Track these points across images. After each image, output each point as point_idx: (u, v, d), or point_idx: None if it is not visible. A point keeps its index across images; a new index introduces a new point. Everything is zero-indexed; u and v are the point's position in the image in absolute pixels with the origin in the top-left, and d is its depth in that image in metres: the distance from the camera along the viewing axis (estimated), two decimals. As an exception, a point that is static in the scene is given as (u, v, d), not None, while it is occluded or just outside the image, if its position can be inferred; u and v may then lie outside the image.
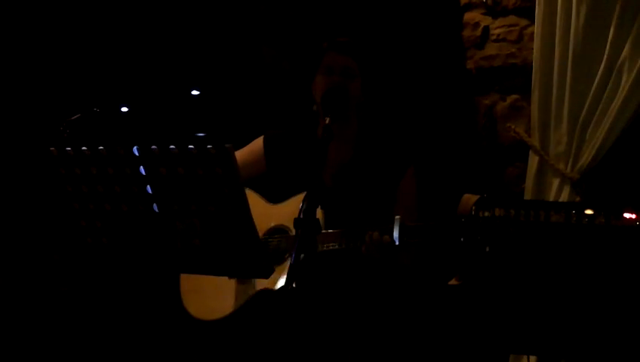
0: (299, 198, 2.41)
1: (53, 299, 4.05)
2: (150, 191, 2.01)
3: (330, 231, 2.57)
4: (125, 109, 3.41)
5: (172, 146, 1.95)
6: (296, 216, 2.07)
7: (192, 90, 4.26)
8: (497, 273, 2.36)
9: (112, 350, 3.94)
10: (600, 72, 3.20)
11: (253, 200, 2.64)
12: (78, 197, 2.09)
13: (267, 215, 2.75)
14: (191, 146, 1.92)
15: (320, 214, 2.34)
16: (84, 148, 2.03)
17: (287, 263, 2.07)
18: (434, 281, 3.03)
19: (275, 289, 2.62)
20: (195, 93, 4.25)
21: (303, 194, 2.13)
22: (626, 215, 2.15)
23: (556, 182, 3.31)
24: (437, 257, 3.02)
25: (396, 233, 2.46)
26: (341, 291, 2.70)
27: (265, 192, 2.82)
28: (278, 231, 2.72)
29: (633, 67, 3.14)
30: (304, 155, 2.80)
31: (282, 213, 2.71)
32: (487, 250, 2.27)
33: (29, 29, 4.21)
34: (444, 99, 3.81)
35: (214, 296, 2.74)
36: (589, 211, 2.17)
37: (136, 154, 1.98)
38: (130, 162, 1.99)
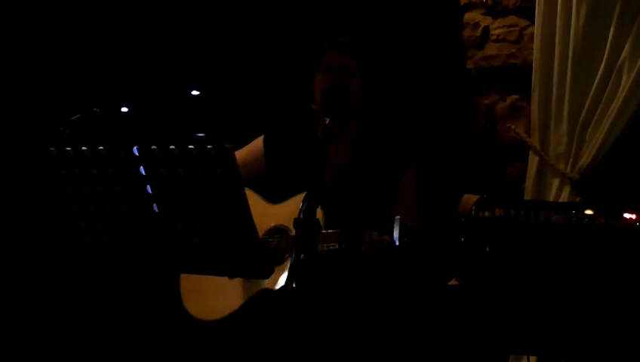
0: (299, 198, 2.41)
1: (53, 299, 4.05)
2: (150, 192, 2.00)
3: (330, 231, 2.57)
4: (125, 109, 3.41)
5: (172, 146, 1.94)
6: (296, 216, 2.07)
7: (192, 90, 4.25)
8: (497, 273, 2.36)
9: (112, 350, 3.94)
10: (600, 72, 3.20)
11: (253, 200, 2.64)
12: (78, 198, 2.09)
13: (267, 215, 2.75)
14: (191, 146, 1.92)
15: (320, 214, 2.34)
16: (84, 148, 2.03)
17: (287, 263, 2.07)
18: (434, 281, 3.03)
19: (275, 289, 2.62)
20: (195, 93, 4.25)
21: (303, 195, 2.13)
22: (626, 215, 2.15)
23: (556, 182, 3.31)
24: (437, 257, 3.01)
25: (396, 233, 2.46)
26: (341, 291, 2.69)
27: (265, 192, 2.81)
28: (278, 231, 2.72)
29: (633, 67, 3.14)
30: (304, 155, 2.80)
31: (282, 213, 2.71)
32: (487, 250, 2.27)
33: (29, 29, 4.21)
34: (444, 100, 3.81)
35: (214, 296, 2.74)
36: (589, 211, 2.17)
37: (136, 154, 1.98)
38: (130, 162, 1.99)
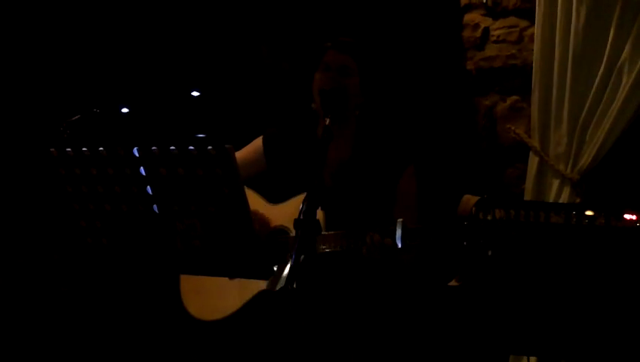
0: (299, 199, 2.41)
1: (53, 299, 4.05)
2: (150, 192, 2.01)
3: (330, 232, 2.57)
4: (125, 110, 3.41)
5: (172, 147, 1.94)
6: (296, 217, 2.07)
7: (192, 90, 4.25)
8: (497, 274, 2.36)
9: (113, 350, 3.93)
10: (600, 73, 3.20)
11: (253, 200, 2.64)
12: (78, 198, 2.09)
13: (268, 215, 2.75)
14: (191, 147, 1.92)
15: (320, 215, 2.34)
16: (84, 148, 2.03)
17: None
18: (434, 282, 3.03)
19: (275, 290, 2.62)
20: (195, 93, 4.25)
21: (303, 195, 2.13)
22: (627, 216, 2.15)
23: (556, 183, 3.31)
24: (437, 259, 3.01)
25: (398, 236, 2.45)
26: (341, 292, 2.69)
27: (265, 192, 2.81)
28: (279, 232, 2.72)
29: (633, 68, 3.14)
30: (303, 154, 2.80)
31: (283, 214, 2.71)
32: (489, 253, 2.27)
33: (29, 29, 4.21)
34: (445, 100, 3.81)
35: (215, 296, 2.74)
36: (589, 212, 2.17)
37: (137, 154, 1.98)
38: (131, 163, 1.99)
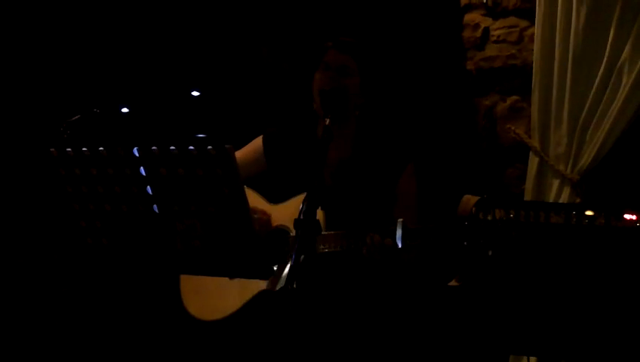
0: (299, 199, 2.41)
1: (53, 299, 4.05)
2: (150, 192, 2.00)
3: (330, 232, 2.57)
4: (125, 110, 3.40)
5: (172, 147, 1.94)
6: (296, 217, 2.07)
7: (192, 90, 4.25)
8: (498, 274, 2.36)
9: (113, 350, 3.93)
10: (600, 73, 3.20)
11: (253, 200, 2.64)
12: (78, 198, 2.09)
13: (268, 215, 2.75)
14: (191, 147, 1.92)
15: (321, 215, 2.34)
16: (84, 148, 2.03)
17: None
18: (434, 282, 3.03)
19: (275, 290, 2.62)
20: (195, 93, 4.25)
21: (303, 195, 2.13)
22: (627, 216, 2.15)
23: (556, 183, 3.31)
24: (438, 259, 3.01)
25: (399, 236, 2.45)
26: (341, 292, 2.69)
27: (265, 192, 2.81)
28: (279, 232, 2.72)
29: (633, 68, 3.14)
30: (303, 153, 2.80)
31: (283, 214, 2.71)
32: (489, 253, 2.27)
33: (29, 29, 4.21)
34: (445, 100, 3.81)
35: (215, 296, 2.74)
36: (589, 212, 2.17)
37: (137, 155, 1.98)
38: (131, 163, 1.99)
